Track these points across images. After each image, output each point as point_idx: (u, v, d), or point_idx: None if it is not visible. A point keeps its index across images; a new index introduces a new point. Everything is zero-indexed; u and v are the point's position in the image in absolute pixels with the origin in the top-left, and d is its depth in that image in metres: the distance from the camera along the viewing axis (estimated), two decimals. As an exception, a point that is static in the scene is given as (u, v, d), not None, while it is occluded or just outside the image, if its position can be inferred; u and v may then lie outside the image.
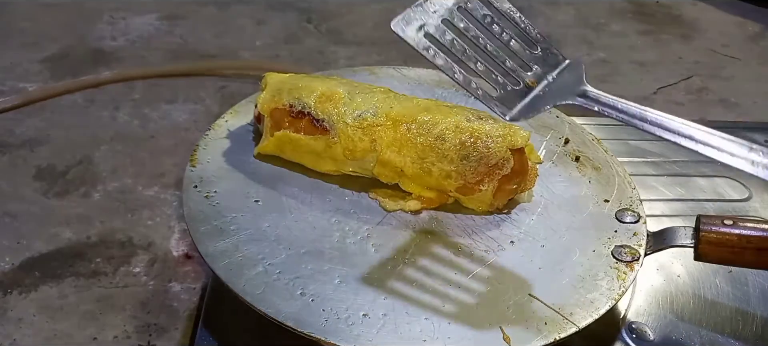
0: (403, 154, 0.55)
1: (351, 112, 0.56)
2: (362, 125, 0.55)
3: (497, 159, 0.55)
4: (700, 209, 0.66)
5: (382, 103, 0.57)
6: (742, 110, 1.06)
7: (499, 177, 0.55)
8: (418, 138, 0.55)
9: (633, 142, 0.76)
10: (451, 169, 0.55)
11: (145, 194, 0.81)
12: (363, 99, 0.57)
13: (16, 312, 0.65)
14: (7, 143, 0.88)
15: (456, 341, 0.45)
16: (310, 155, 0.57)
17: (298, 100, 0.57)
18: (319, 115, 0.56)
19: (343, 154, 0.56)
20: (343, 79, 0.61)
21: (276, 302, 0.46)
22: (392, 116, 0.56)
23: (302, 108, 0.57)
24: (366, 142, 0.55)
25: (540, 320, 0.47)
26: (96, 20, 1.22)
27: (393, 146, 0.55)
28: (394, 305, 0.47)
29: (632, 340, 0.53)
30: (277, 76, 0.60)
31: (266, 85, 0.59)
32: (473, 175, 0.55)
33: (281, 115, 0.57)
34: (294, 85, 0.58)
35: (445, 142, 0.55)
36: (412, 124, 0.55)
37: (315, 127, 0.56)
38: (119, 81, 1.03)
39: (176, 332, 0.64)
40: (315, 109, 0.56)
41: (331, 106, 0.56)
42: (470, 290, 0.49)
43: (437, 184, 0.56)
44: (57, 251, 0.72)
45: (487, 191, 0.55)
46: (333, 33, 1.23)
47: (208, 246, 0.50)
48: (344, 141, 0.56)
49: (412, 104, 0.57)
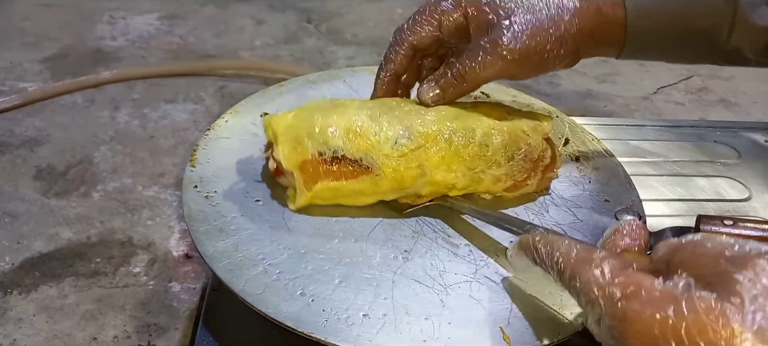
0: (453, 170, 0.53)
1: (385, 142, 0.52)
2: (403, 153, 0.52)
3: (538, 152, 0.55)
4: (700, 209, 0.66)
5: (408, 122, 0.53)
6: (742, 110, 1.06)
7: (542, 168, 0.56)
8: (464, 150, 0.53)
9: (633, 143, 0.76)
10: (501, 173, 0.54)
11: (145, 194, 0.81)
12: (387, 120, 0.53)
13: (16, 312, 0.65)
14: (7, 143, 0.88)
15: (456, 341, 0.45)
16: (352, 196, 0.54)
17: (325, 145, 0.52)
18: (355, 154, 0.52)
19: (391, 186, 0.53)
20: (347, 101, 0.56)
21: (276, 302, 0.46)
22: (427, 134, 0.53)
23: (334, 153, 0.52)
24: (413, 169, 0.52)
25: (540, 320, 0.47)
26: (96, 20, 1.22)
27: (442, 166, 0.53)
28: (394, 305, 0.47)
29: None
30: (282, 122, 0.53)
31: (274, 134, 0.53)
32: (521, 173, 0.55)
33: (314, 167, 0.52)
34: (309, 127, 0.52)
35: (488, 148, 0.54)
36: (453, 136, 0.53)
37: (355, 169, 0.52)
38: (119, 81, 1.03)
39: (176, 332, 0.64)
40: (349, 151, 0.52)
41: (362, 141, 0.52)
42: (470, 290, 0.49)
43: (486, 189, 0.55)
44: (57, 251, 0.72)
45: (532, 184, 0.56)
46: (333, 33, 1.23)
47: (208, 246, 0.50)
48: (391, 174, 0.52)
49: (437, 115, 0.54)
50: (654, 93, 1.09)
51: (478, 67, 0.53)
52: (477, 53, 0.53)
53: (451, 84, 0.55)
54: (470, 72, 0.54)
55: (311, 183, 0.52)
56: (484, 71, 0.54)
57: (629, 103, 1.05)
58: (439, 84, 0.55)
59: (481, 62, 0.53)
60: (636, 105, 1.05)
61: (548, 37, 0.53)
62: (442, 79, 0.55)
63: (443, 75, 0.55)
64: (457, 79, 0.55)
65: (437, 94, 0.55)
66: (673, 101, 1.07)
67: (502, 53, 0.53)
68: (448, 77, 0.55)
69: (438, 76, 0.56)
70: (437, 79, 0.56)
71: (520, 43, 0.52)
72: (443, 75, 0.55)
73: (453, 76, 0.55)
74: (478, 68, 0.53)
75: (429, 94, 0.55)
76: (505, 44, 0.52)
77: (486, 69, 0.53)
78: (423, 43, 0.57)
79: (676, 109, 1.06)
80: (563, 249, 0.41)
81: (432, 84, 0.56)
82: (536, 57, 0.54)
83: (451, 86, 0.55)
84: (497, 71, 0.54)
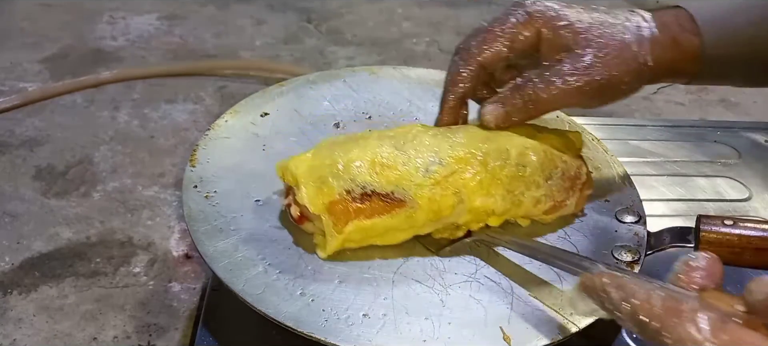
0: (492, 195, 0.50)
1: (415, 170, 0.49)
2: (437, 180, 0.49)
3: (574, 169, 0.53)
4: (700, 209, 0.66)
5: (436, 147, 0.50)
6: (742, 110, 1.06)
7: (580, 186, 0.54)
8: (500, 172, 0.50)
9: (633, 142, 0.76)
10: (541, 195, 0.52)
11: (145, 194, 0.80)
12: (414, 148, 0.50)
13: (16, 312, 0.65)
14: (7, 143, 0.88)
15: (456, 341, 0.45)
16: (385, 234, 0.50)
17: (353, 182, 0.48)
18: (386, 188, 0.49)
19: (427, 218, 0.50)
20: (365, 134, 0.53)
21: (276, 302, 0.46)
22: (460, 158, 0.50)
23: (363, 189, 0.48)
24: (450, 197, 0.49)
25: (540, 320, 0.47)
26: (96, 20, 1.22)
27: (480, 191, 0.50)
28: (394, 305, 0.47)
29: (632, 340, 0.53)
30: (301, 164, 0.50)
31: (294, 178, 0.50)
32: (560, 192, 0.53)
33: (343, 207, 0.48)
34: (332, 165, 0.49)
35: (526, 168, 0.51)
36: (488, 158, 0.50)
37: (387, 204, 0.49)
38: (119, 81, 1.03)
39: (176, 332, 0.64)
40: (378, 185, 0.49)
41: (391, 173, 0.49)
42: (470, 290, 0.49)
43: (526, 213, 0.53)
44: (57, 251, 0.72)
45: (571, 205, 0.54)
46: (333, 33, 1.23)
47: (208, 246, 0.50)
48: (427, 204, 0.49)
49: (465, 138, 0.52)
50: (654, 93, 1.09)
51: (553, 95, 0.51)
52: (553, 80, 0.50)
53: (519, 109, 0.52)
54: (543, 99, 0.51)
55: (342, 225, 0.48)
56: (558, 100, 0.51)
57: (629, 103, 1.05)
58: (505, 106, 0.52)
59: (556, 90, 0.50)
60: (636, 105, 1.05)
61: (626, 70, 0.51)
62: (510, 101, 0.52)
63: (511, 97, 0.52)
64: (528, 103, 0.51)
65: (503, 115, 0.52)
66: (673, 101, 1.07)
67: (579, 84, 0.50)
68: (516, 100, 0.52)
69: (505, 98, 0.52)
70: (504, 101, 0.52)
71: (599, 75, 0.50)
72: (511, 97, 0.52)
73: (523, 100, 0.51)
74: (553, 96, 0.51)
75: (494, 115, 0.52)
76: (583, 74, 0.50)
77: (560, 98, 0.51)
78: (492, 63, 0.53)
79: (676, 109, 1.06)
80: (641, 296, 0.35)
81: (498, 106, 0.52)
82: (611, 90, 0.51)
83: (519, 111, 0.52)
84: (570, 100, 0.51)
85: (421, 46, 1.21)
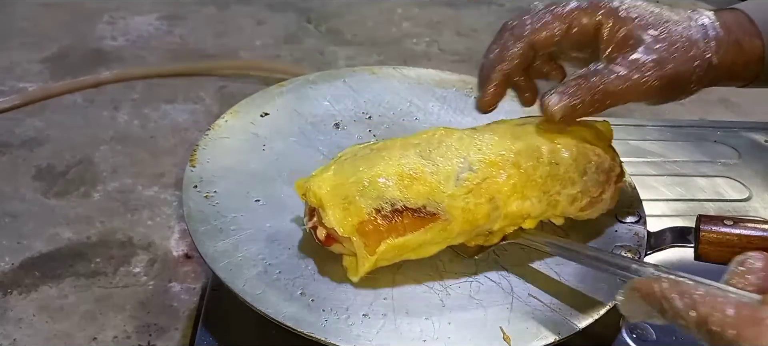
0: (528, 198, 0.48)
1: (446, 180, 0.47)
2: (469, 188, 0.47)
3: (608, 160, 0.51)
4: (700, 209, 0.66)
5: (464, 152, 0.48)
6: (742, 110, 1.06)
7: (615, 178, 0.52)
8: (534, 173, 0.48)
9: (633, 142, 0.76)
10: (577, 192, 0.50)
11: (145, 194, 0.81)
12: (440, 155, 0.48)
13: (16, 312, 0.65)
14: (7, 143, 0.88)
15: (456, 341, 0.45)
16: (418, 249, 0.48)
17: (381, 199, 0.46)
18: (417, 202, 0.46)
19: (462, 229, 0.47)
20: (388, 143, 0.51)
21: (276, 302, 0.46)
22: (491, 162, 0.47)
23: (393, 205, 0.46)
24: (484, 205, 0.47)
25: (540, 320, 0.47)
26: (96, 20, 1.22)
27: (515, 194, 0.48)
28: (394, 305, 0.47)
29: (632, 340, 0.53)
30: (324, 183, 0.47)
31: (318, 198, 0.47)
32: (596, 187, 0.51)
33: (373, 226, 0.46)
34: (357, 182, 0.46)
35: (559, 165, 0.49)
36: (520, 159, 0.48)
37: (419, 219, 0.46)
38: (119, 81, 1.03)
39: (176, 332, 0.64)
40: (409, 200, 0.46)
41: (420, 186, 0.46)
42: (470, 290, 0.49)
43: (562, 212, 0.51)
44: (57, 251, 0.72)
45: (607, 198, 0.52)
46: (333, 33, 1.23)
47: (208, 246, 0.50)
48: (461, 215, 0.47)
49: (493, 139, 0.49)
50: (654, 93, 1.09)
51: (624, 87, 0.47)
52: (623, 73, 0.47)
53: (587, 101, 0.48)
54: (612, 92, 0.47)
55: (374, 245, 0.46)
56: (627, 94, 0.48)
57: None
58: (573, 99, 0.48)
59: (628, 83, 0.47)
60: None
61: (695, 68, 0.49)
62: (579, 92, 0.48)
63: (578, 87, 0.48)
64: (595, 96, 0.47)
65: (571, 109, 0.48)
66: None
67: (651, 78, 0.47)
68: (585, 92, 0.47)
69: (572, 90, 0.48)
70: (571, 92, 0.48)
71: (671, 71, 0.48)
72: (578, 87, 0.48)
73: (592, 92, 0.47)
74: (623, 89, 0.47)
75: (561, 107, 0.48)
76: (655, 69, 0.48)
77: (630, 92, 0.48)
78: (543, 45, 0.50)
79: (676, 109, 1.05)
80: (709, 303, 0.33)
81: (563, 97, 0.48)
82: (680, 86, 0.49)
83: (587, 104, 0.48)
84: (639, 95, 0.48)
85: (421, 46, 1.21)
